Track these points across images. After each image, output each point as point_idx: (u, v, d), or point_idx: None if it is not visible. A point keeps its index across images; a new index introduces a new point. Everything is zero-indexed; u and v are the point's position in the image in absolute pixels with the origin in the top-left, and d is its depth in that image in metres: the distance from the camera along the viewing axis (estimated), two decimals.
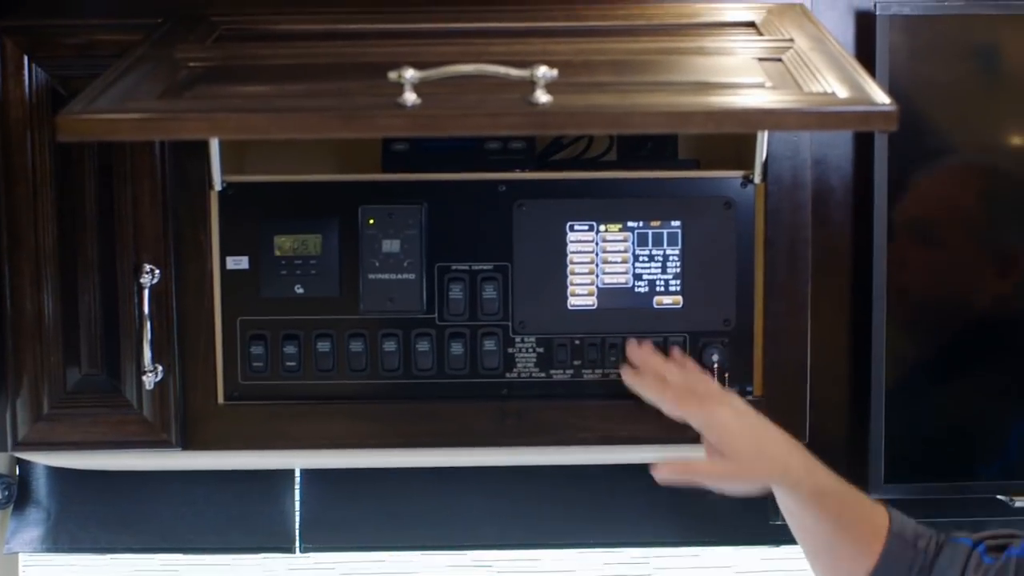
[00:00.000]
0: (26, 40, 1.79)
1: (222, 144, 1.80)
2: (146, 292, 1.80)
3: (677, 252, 1.83)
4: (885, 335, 1.89)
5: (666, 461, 1.71)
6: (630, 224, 1.82)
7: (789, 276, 1.84)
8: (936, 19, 1.87)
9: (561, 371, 1.85)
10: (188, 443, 1.85)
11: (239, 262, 1.83)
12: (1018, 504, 1.94)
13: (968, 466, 1.95)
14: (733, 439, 1.69)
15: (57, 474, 2.18)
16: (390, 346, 1.83)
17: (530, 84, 1.52)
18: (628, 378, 1.79)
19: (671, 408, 1.74)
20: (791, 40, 1.70)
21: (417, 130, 1.54)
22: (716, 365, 1.83)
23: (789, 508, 1.73)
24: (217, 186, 1.81)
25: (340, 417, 1.84)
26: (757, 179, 1.82)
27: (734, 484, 1.72)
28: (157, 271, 1.80)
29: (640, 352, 1.80)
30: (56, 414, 1.84)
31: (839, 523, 1.70)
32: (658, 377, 1.77)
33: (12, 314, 1.82)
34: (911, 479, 1.94)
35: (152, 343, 1.80)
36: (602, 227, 1.83)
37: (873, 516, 1.71)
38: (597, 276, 1.83)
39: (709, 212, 1.83)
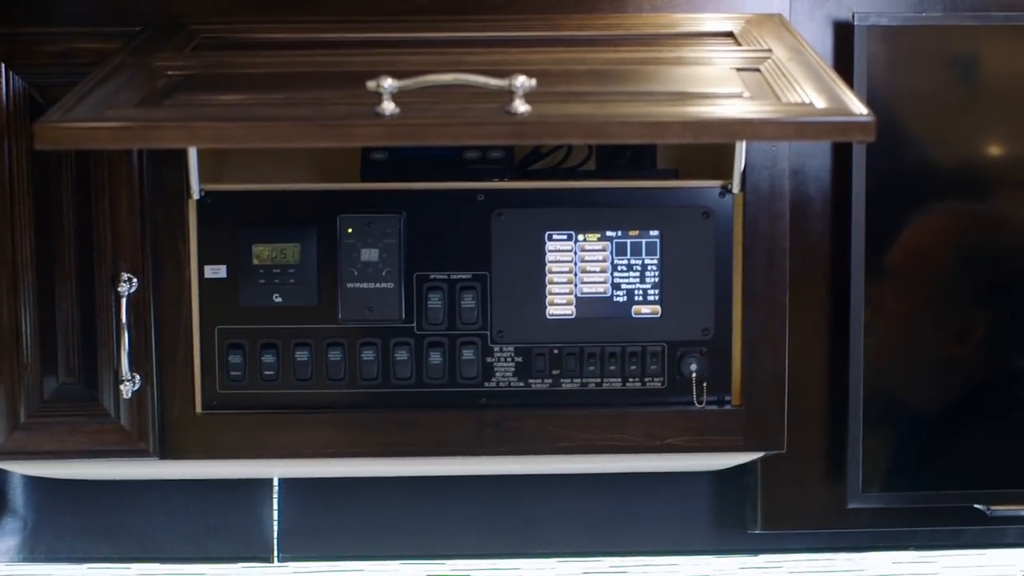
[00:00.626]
0: (4, 47, 1.78)
1: (200, 153, 1.79)
2: (124, 301, 1.79)
3: (655, 262, 1.83)
4: (862, 344, 1.90)
5: None
6: (608, 233, 1.82)
7: (767, 286, 1.84)
8: (914, 30, 1.87)
9: (539, 380, 1.85)
10: (166, 452, 1.84)
11: (217, 271, 1.83)
12: (995, 513, 1.95)
13: (946, 476, 1.96)
14: None
15: (34, 483, 2.17)
16: (368, 355, 1.83)
17: (508, 94, 1.51)
18: None
19: None
20: (769, 50, 1.70)
21: (395, 139, 1.54)
22: (694, 375, 1.83)
23: None
24: (195, 195, 1.81)
25: (318, 426, 1.84)
26: (735, 189, 1.82)
27: None
28: (135, 280, 1.80)
29: None
30: (33, 423, 1.83)
31: None
32: None
33: None
34: (888, 488, 1.94)
35: (130, 352, 1.79)
36: (581, 236, 1.83)
37: None
38: (576, 285, 1.83)
39: (687, 222, 1.83)
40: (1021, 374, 1.97)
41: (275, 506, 2.20)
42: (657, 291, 1.83)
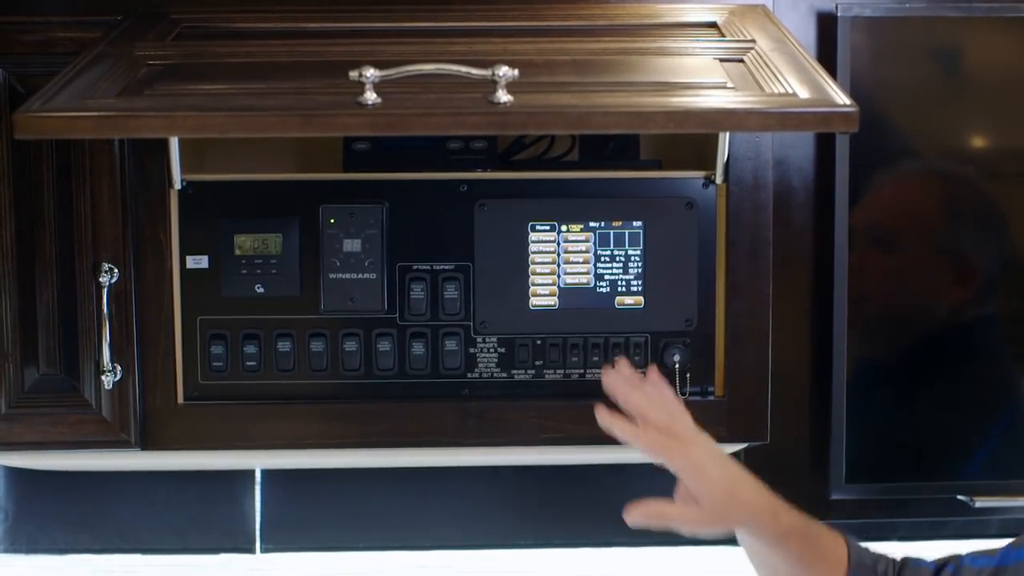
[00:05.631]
0: None
1: (182, 142, 1.79)
2: (105, 291, 1.79)
3: (639, 252, 1.83)
4: (846, 335, 1.90)
5: (639, 504, 1.68)
6: (592, 224, 1.82)
7: (750, 277, 1.84)
8: (897, 21, 1.88)
9: (523, 371, 1.84)
10: (147, 443, 1.84)
11: (199, 261, 1.82)
12: (979, 504, 1.95)
13: (929, 466, 1.96)
14: (707, 484, 1.65)
15: (15, 474, 2.17)
16: (351, 346, 1.83)
17: (491, 84, 1.51)
18: (604, 419, 1.65)
19: (647, 453, 1.69)
20: (753, 41, 1.70)
21: (377, 129, 1.54)
22: (677, 365, 1.83)
23: (754, 549, 1.70)
24: (177, 185, 1.80)
25: (301, 417, 1.84)
26: (719, 180, 1.82)
27: (705, 529, 1.69)
28: (116, 270, 1.79)
29: (617, 384, 1.66)
30: (14, 414, 1.82)
31: (803, 561, 1.67)
32: (636, 416, 1.71)
33: None
34: (872, 479, 1.94)
35: (111, 343, 1.79)
36: (564, 227, 1.82)
37: (834, 549, 1.69)
38: (559, 276, 1.83)
39: (671, 212, 1.83)
40: (1006, 367, 1.97)
41: (257, 497, 2.20)
42: (640, 282, 1.83)
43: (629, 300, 1.83)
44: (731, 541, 2.20)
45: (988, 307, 1.95)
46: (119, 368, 1.80)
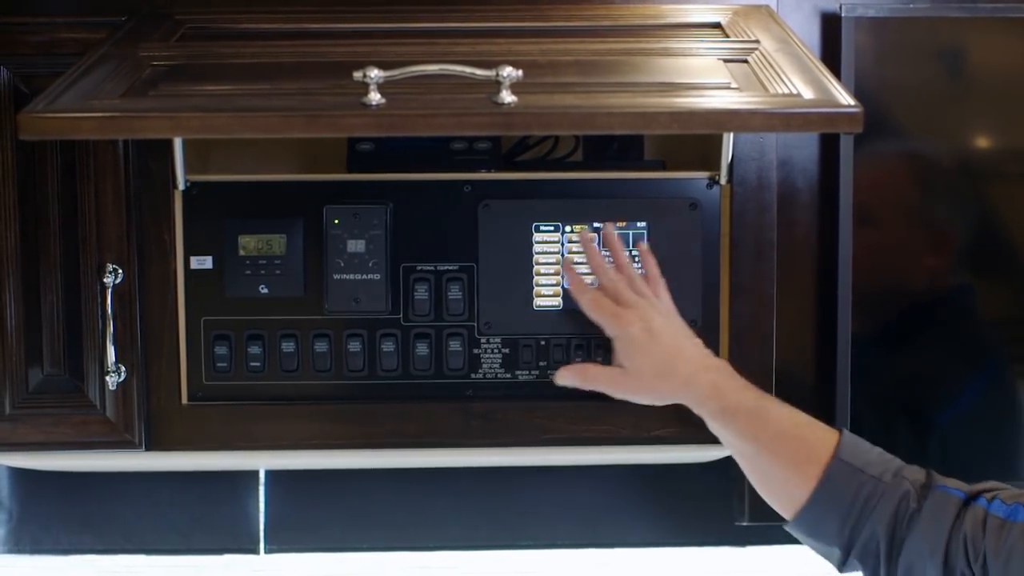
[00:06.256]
0: None
1: (186, 143, 1.79)
2: (109, 292, 1.79)
3: None
4: (851, 336, 1.90)
5: (568, 366, 1.71)
6: (596, 225, 1.82)
7: (754, 277, 1.84)
8: (902, 21, 1.88)
9: (527, 372, 1.84)
10: (151, 444, 1.84)
11: (203, 262, 1.82)
12: None
13: (934, 467, 1.96)
14: (637, 355, 1.67)
15: (19, 475, 2.17)
16: (355, 346, 1.82)
17: (495, 84, 1.51)
18: (564, 268, 1.78)
19: (587, 311, 1.72)
20: (757, 42, 1.70)
21: (382, 130, 1.54)
22: None
23: (713, 430, 1.69)
24: (181, 185, 1.80)
25: (304, 418, 1.84)
26: (723, 180, 1.82)
27: (631, 396, 1.70)
28: (120, 271, 1.79)
29: (587, 244, 1.76)
30: (18, 414, 1.82)
31: (765, 445, 1.64)
32: (594, 272, 1.75)
33: None
34: None
35: (115, 343, 1.79)
36: (568, 227, 1.82)
37: (815, 439, 1.64)
38: (562, 277, 1.83)
39: (675, 213, 1.83)
40: (1011, 368, 1.97)
41: (261, 498, 2.20)
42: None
43: None
44: (736, 541, 2.21)
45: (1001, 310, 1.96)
46: (123, 369, 1.80)
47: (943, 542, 1.56)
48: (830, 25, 1.87)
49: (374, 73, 1.50)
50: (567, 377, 1.73)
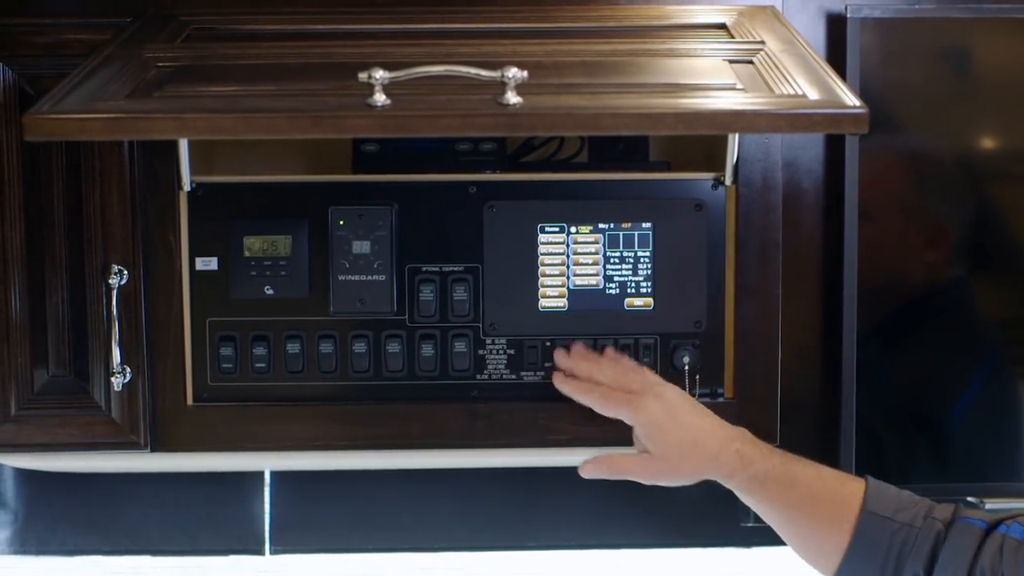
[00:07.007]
0: None
1: (191, 144, 1.79)
2: (114, 293, 1.79)
3: (648, 254, 1.82)
4: (856, 337, 1.89)
5: (593, 458, 1.70)
6: (601, 226, 1.82)
7: (760, 278, 1.84)
8: (907, 22, 1.87)
9: (532, 373, 1.84)
10: (157, 445, 1.84)
11: (208, 263, 1.82)
12: (988, 507, 1.94)
13: (939, 470, 1.96)
14: (660, 436, 1.66)
15: (24, 476, 2.17)
16: (360, 347, 1.82)
17: (500, 85, 1.51)
18: (559, 383, 1.78)
19: (601, 408, 1.72)
20: (762, 42, 1.70)
21: (387, 131, 1.54)
22: (687, 367, 1.83)
23: (743, 499, 1.70)
24: (186, 186, 1.80)
25: (310, 419, 1.84)
26: (728, 181, 1.82)
27: (662, 479, 1.70)
28: (126, 272, 1.80)
29: (569, 358, 1.78)
30: (23, 415, 1.82)
31: (796, 509, 1.65)
32: (591, 378, 1.75)
33: None
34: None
35: (120, 344, 1.79)
36: (573, 229, 1.82)
37: (843, 494, 1.65)
38: (568, 278, 1.83)
39: (680, 214, 1.82)
40: (1017, 374, 1.97)
41: (267, 499, 2.20)
42: (650, 283, 1.83)
43: (638, 302, 1.83)
44: (742, 542, 2.21)
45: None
46: (128, 370, 1.80)
47: (964, 573, 1.57)
48: (835, 26, 1.87)
49: (379, 74, 1.50)
50: (593, 471, 1.70)
